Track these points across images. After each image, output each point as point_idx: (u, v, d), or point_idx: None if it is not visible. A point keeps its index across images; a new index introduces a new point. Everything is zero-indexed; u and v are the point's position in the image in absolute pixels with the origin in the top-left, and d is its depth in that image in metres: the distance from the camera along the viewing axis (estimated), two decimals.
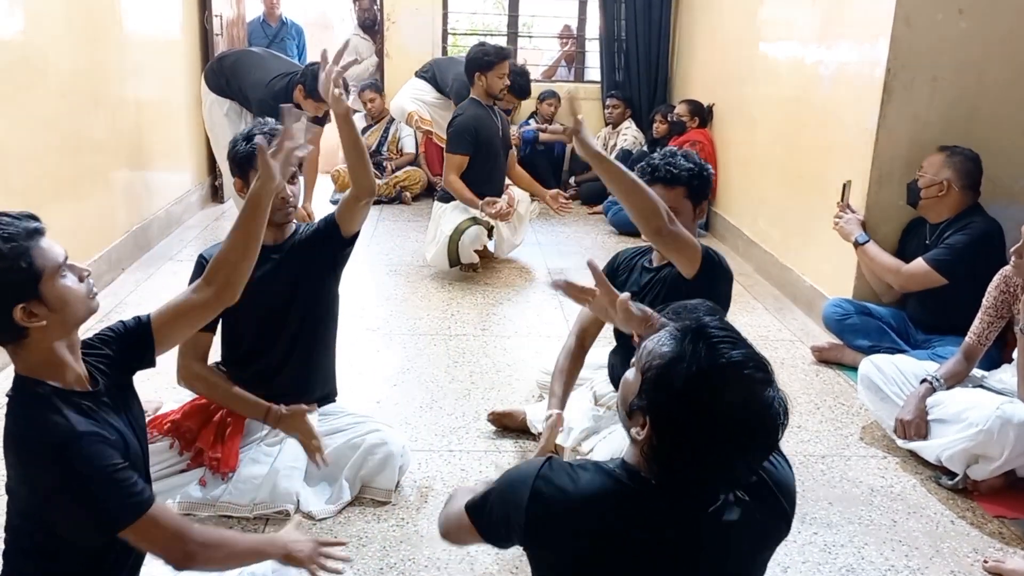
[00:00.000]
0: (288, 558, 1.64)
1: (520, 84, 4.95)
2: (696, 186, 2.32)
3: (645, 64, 6.70)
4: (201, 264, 2.30)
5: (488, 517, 1.36)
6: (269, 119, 2.34)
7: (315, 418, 2.43)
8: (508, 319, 3.90)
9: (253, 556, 1.65)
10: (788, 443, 2.80)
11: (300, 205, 4.40)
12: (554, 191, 4.71)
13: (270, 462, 2.34)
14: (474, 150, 4.39)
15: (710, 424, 1.13)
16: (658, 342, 1.21)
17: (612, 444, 2.30)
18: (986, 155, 3.19)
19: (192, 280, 2.19)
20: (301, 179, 2.53)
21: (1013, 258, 2.53)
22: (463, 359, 3.39)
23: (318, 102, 4.39)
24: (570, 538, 1.24)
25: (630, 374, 1.25)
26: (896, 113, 3.41)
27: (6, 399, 1.41)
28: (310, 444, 2.29)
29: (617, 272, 2.48)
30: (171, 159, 5.27)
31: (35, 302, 1.36)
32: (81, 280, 1.44)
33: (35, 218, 1.40)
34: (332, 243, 2.39)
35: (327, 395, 2.56)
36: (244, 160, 2.29)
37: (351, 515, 2.31)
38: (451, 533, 1.49)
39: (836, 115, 3.83)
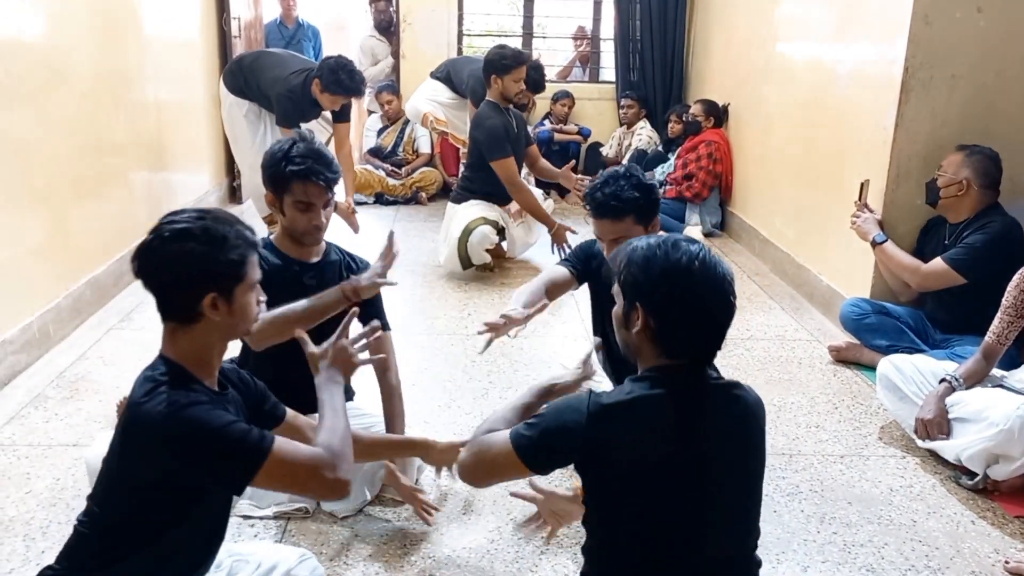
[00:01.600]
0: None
1: (534, 78, 4.91)
2: (644, 210, 2.29)
3: (660, 64, 6.69)
4: None
5: (536, 444, 1.50)
6: (306, 131, 2.33)
7: None
8: None
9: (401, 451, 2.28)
10: (807, 443, 2.81)
11: (343, 200, 4.45)
12: (566, 168, 4.47)
13: None
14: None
15: (678, 277, 1.44)
16: (619, 263, 1.53)
17: None
18: (1006, 154, 3.17)
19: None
20: (341, 182, 2.54)
21: None
22: (480, 358, 3.39)
23: (334, 96, 4.42)
24: (632, 433, 1.44)
25: (618, 304, 1.54)
26: (914, 112, 3.40)
27: (154, 382, 1.41)
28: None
29: (591, 260, 2.53)
30: (190, 160, 5.31)
31: (224, 299, 1.44)
32: (259, 304, 1.54)
33: (255, 233, 1.52)
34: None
35: (345, 395, 2.57)
36: (280, 180, 2.18)
37: (371, 514, 2.33)
38: (481, 472, 1.60)
39: (853, 114, 3.82)
